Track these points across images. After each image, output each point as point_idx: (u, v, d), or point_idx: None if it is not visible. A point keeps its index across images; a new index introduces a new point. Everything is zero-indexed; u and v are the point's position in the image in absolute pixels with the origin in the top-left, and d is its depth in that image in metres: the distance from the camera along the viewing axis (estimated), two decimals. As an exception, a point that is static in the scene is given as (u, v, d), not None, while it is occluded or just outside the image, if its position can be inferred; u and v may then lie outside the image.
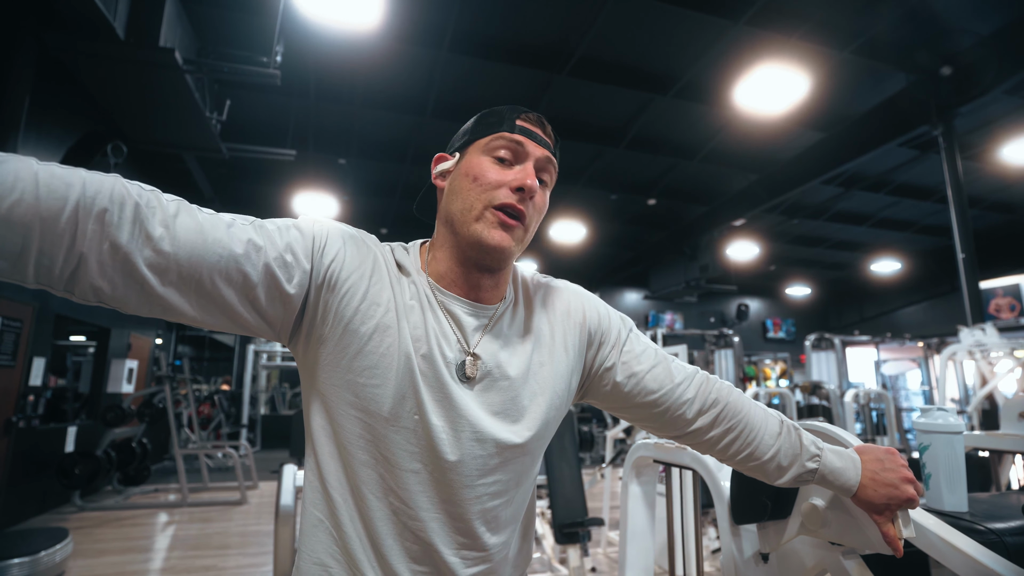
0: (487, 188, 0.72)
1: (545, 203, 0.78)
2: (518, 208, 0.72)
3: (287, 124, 5.95)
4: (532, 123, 0.77)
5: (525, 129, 0.75)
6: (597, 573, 3.51)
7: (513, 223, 0.72)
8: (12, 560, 3.26)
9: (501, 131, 0.75)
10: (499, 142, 0.74)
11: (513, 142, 0.74)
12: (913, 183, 7.52)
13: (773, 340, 13.76)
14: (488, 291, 0.77)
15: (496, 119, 0.76)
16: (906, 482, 0.79)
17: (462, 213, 0.73)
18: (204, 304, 0.61)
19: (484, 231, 0.71)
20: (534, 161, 0.75)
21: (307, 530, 0.71)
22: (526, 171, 0.73)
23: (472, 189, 0.73)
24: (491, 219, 0.71)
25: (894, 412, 5.58)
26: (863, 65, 5.03)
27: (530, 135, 0.75)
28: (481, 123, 0.78)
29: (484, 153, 0.75)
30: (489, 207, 0.72)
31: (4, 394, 4.56)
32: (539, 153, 0.75)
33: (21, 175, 0.50)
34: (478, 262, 0.74)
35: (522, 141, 0.74)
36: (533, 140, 0.75)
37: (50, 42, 3.42)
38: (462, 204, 0.73)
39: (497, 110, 0.78)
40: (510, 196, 0.72)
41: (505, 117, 0.76)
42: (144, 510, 5.48)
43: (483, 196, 0.72)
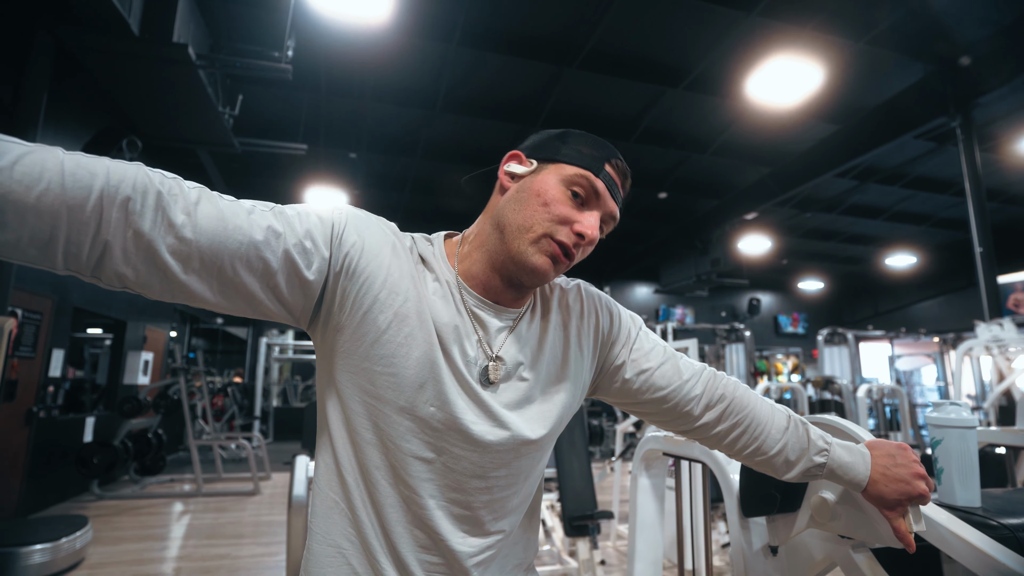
0: (553, 219, 0.72)
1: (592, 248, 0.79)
2: (573, 252, 0.73)
3: (298, 118, 5.98)
4: (617, 173, 0.76)
5: (609, 178, 0.75)
6: (606, 566, 3.53)
7: (563, 260, 0.73)
8: (35, 546, 3.35)
9: (589, 169, 0.74)
10: (581, 179, 0.73)
11: (591, 186, 0.74)
12: (930, 176, 7.40)
13: (785, 335, 13.66)
14: (514, 301, 0.78)
15: (588, 149, 0.75)
16: (918, 478, 0.79)
17: (519, 229, 0.72)
18: (225, 290, 0.62)
19: (535, 254, 0.71)
20: (603, 212, 0.75)
21: (321, 512, 0.72)
22: (594, 220, 0.73)
23: (539, 211, 0.72)
24: (546, 247, 0.72)
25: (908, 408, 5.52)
26: (878, 56, 4.95)
27: (611, 187, 0.75)
28: (572, 147, 0.76)
29: (562, 182, 0.73)
30: (547, 236, 0.72)
31: (25, 385, 4.66)
32: (611, 207, 0.76)
33: (48, 165, 0.51)
34: (514, 278, 0.74)
35: (600, 191, 0.74)
36: (611, 193, 0.75)
37: (66, 39, 3.46)
38: (523, 220, 0.73)
39: (591, 140, 0.77)
40: (570, 237, 0.72)
41: (597, 154, 0.75)
42: (160, 499, 5.59)
43: (546, 224, 0.72)
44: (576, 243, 0.73)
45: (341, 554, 0.71)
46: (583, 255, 0.76)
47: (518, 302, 0.79)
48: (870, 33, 4.63)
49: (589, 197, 0.74)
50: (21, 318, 4.51)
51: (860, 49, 4.81)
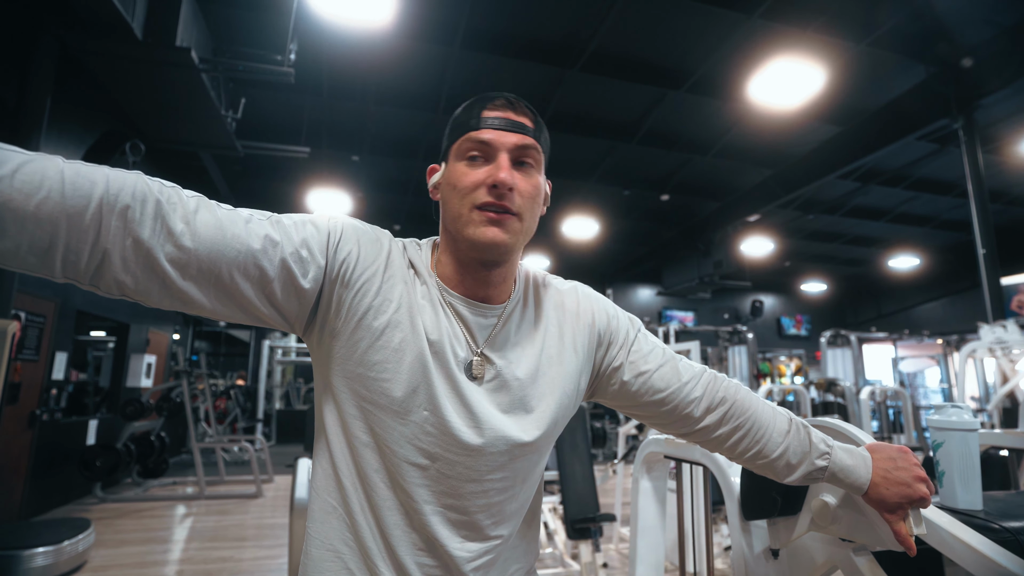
0: (466, 193, 0.71)
1: (536, 186, 0.75)
2: (499, 204, 0.71)
3: (301, 121, 6.00)
4: (498, 108, 0.74)
5: (491, 120, 0.73)
6: (609, 569, 3.52)
7: (500, 216, 0.71)
8: (38, 548, 3.36)
9: (468, 132, 0.73)
10: (467, 144, 0.73)
11: (479, 142, 0.72)
12: (932, 177, 7.38)
13: (788, 337, 13.62)
14: (494, 288, 0.77)
15: (464, 118, 0.75)
16: (919, 481, 0.79)
17: (454, 222, 0.73)
18: (222, 297, 0.63)
19: (476, 232, 0.71)
20: (506, 151, 0.72)
21: (319, 516, 0.73)
22: (497, 166, 0.71)
23: (455, 197, 0.73)
24: (478, 219, 0.71)
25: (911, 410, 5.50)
26: (880, 58, 4.95)
27: (496, 124, 0.72)
28: (453, 126, 0.76)
29: (458, 158, 0.74)
30: (472, 209, 0.71)
31: (28, 388, 4.67)
32: (510, 142, 0.72)
33: (48, 173, 0.52)
34: (480, 260, 0.74)
35: (487, 139, 0.72)
36: (501, 129, 0.72)
37: (70, 42, 3.48)
38: (452, 213, 0.73)
39: (467, 105, 0.76)
40: (487, 195, 0.71)
41: (472, 113, 0.74)
42: (163, 502, 5.59)
43: (465, 201, 0.71)
44: (497, 195, 0.70)
45: (339, 558, 0.71)
46: (526, 199, 0.73)
47: (501, 290, 0.78)
48: (872, 35, 4.63)
49: (484, 151, 0.73)
50: (24, 321, 4.53)
51: (862, 51, 4.81)
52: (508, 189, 0.70)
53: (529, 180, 0.74)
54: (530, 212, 0.74)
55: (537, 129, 0.76)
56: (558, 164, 7.12)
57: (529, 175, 0.74)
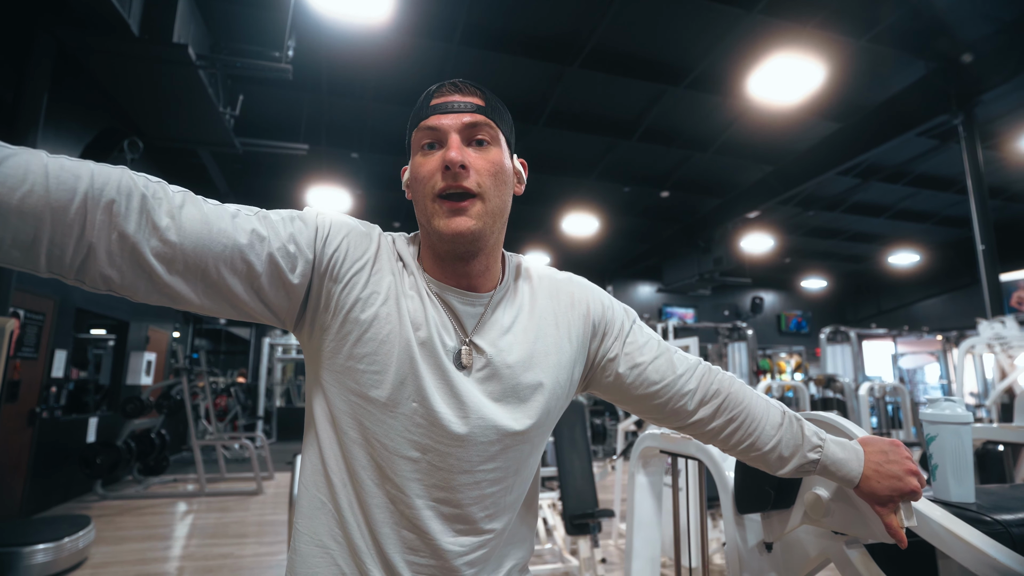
0: (425, 182, 0.72)
1: (494, 162, 0.73)
2: (456, 186, 0.70)
3: (299, 118, 5.99)
4: (445, 93, 0.74)
5: (438, 106, 0.73)
6: (607, 564, 3.53)
7: (461, 204, 0.70)
8: (38, 545, 3.37)
9: (419, 123, 0.73)
10: (419, 135, 0.73)
11: (429, 129, 0.72)
12: (932, 174, 7.37)
13: (788, 333, 13.63)
14: (478, 278, 0.77)
15: (416, 111, 0.75)
16: (910, 474, 0.79)
17: (424, 216, 0.73)
18: (210, 292, 0.63)
19: (441, 224, 0.70)
20: (456, 132, 0.71)
21: (308, 511, 0.73)
22: (447, 148, 0.71)
23: (418, 190, 0.73)
24: (440, 210, 0.71)
25: (910, 405, 5.51)
26: (880, 53, 4.94)
27: (443, 109, 0.72)
28: (409, 122, 0.77)
29: (415, 152, 0.74)
30: (434, 199, 0.71)
31: (28, 386, 4.68)
32: (459, 122, 0.72)
33: (32, 167, 0.52)
34: (454, 253, 0.73)
35: (435, 124, 0.72)
36: (448, 112, 0.72)
37: (67, 39, 3.48)
38: (420, 208, 0.74)
39: (418, 102, 0.76)
40: (443, 179, 0.70)
41: (422, 104, 0.74)
42: (163, 499, 5.60)
43: (426, 191, 0.72)
44: (453, 176, 0.70)
45: (328, 554, 0.71)
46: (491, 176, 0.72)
47: (487, 278, 0.77)
48: (872, 31, 4.62)
49: (436, 137, 0.72)
50: (23, 319, 4.53)
51: (862, 47, 4.80)
52: (460, 167, 0.69)
53: (485, 156, 0.73)
54: (494, 190, 0.73)
55: (489, 106, 0.75)
56: (558, 161, 7.11)
57: (485, 151, 0.73)
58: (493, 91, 0.79)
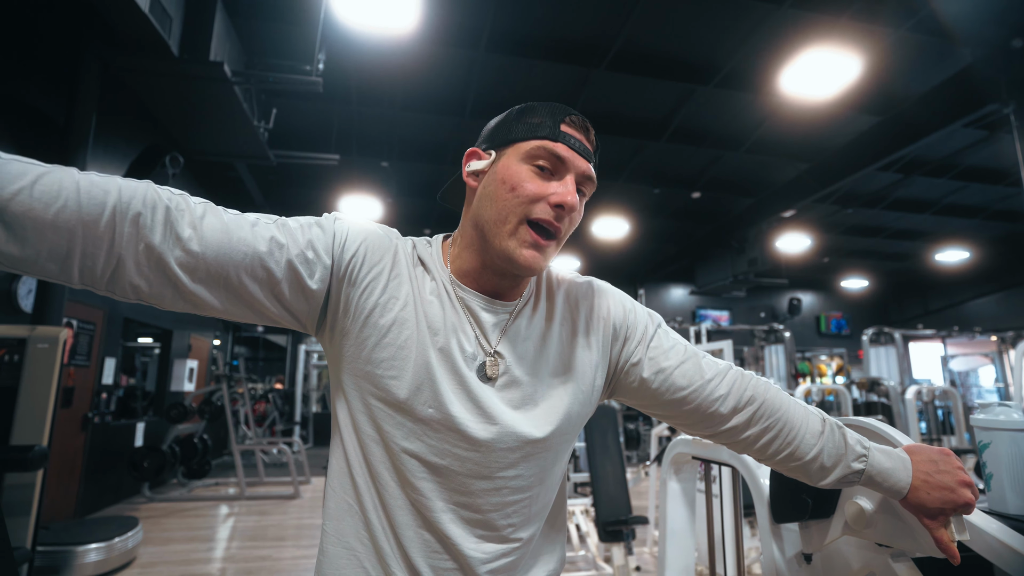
0: (525, 201, 0.69)
1: (581, 214, 0.75)
2: (555, 226, 0.70)
3: (330, 129, 6.12)
4: (576, 129, 0.73)
5: (569, 138, 0.71)
6: (642, 572, 3.46)
7: (546, 243, 0.71)
8: (91, 545, 3.53)
9: (544, 137, 0.71)
10: (540, 151, 0.70)
11: (554, 154, 0.70)
12: (981, 166, 7.03)
13: (828, 335, 13.18)
14: (509, 291, 0.77)
15: (539, 120, 0.72)
16: (963, 485, 0.75)
17: (495, 224, 0.71)
18: (232, 299, 0.65)
19: (516, 249, 0.70)
20: (575, 175, 0.72)
21: (335, 514, 0.73)
22: (567, 187, 0.70)
23: (509, 199, 0.70)
24: (525, 237, 0.69)
25: (962, 410, 5.24)
26: (921, 42, 4.74)
27: (574, 145, 0.71)
28: (522, 123, 0.73)
29: (523, 160, 0.71)
30: (524, 221, 0.70)
31: (80, 392, 4.90)
32: (581, 167, 0.72)
33: (65, 184, 0.55)
34: (505, 272, 0.73)
35: (565, 156, 0.71)
36: (576, 151, 0.71)
37: (112, 61, 3.64)
38: (496, 213, 0.71)
39: (539, 108, 0.73)
40: (548, 212, 0.70)
41: (548, 120, 0.72)
42: (206, 502, 5.78)
43: (520, 209, 0.70)
44: (557, 216, 0.70)
45: (354, 556, 0.71)
46: (570, 226, 0.74)
47: (514, 293, 0.78)
48: (911, 19, 4.44)
49: (556, 166, 0.71)
50: (76, 328, 4.75)
51: (901, 37, 4.62)
52: (569, 213, 0.71)
53: (579, 207, 0.75)
54: (566, 237, 0.75)
55: (596, 158, 0.77)
56: (586, 164, 7.06)
57: (581, 204, 0.75)
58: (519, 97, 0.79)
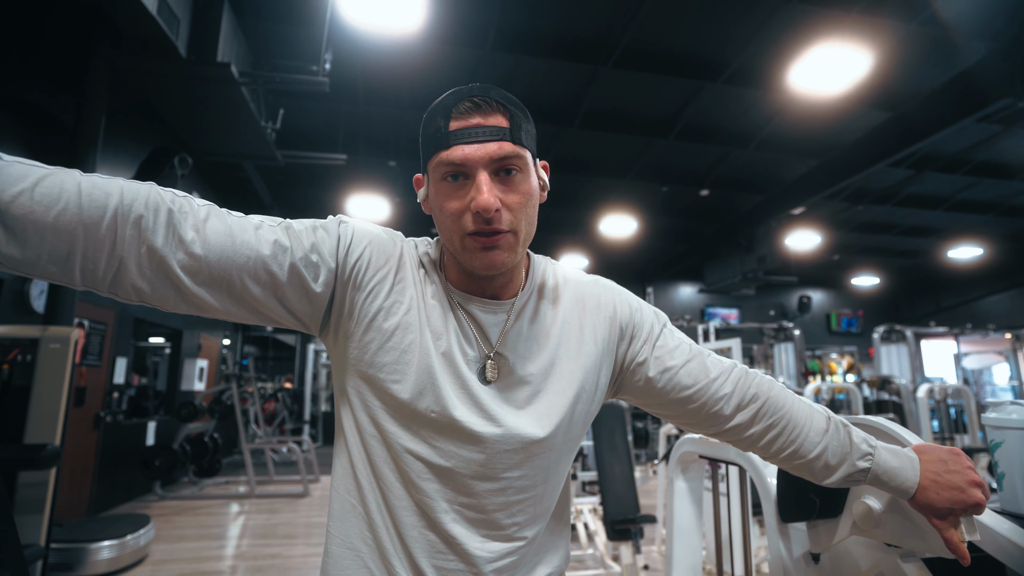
0: (453, 219, 0.68)
1: (526, 193, 0.69)
2: (489, 230, 0.67)
3: (337, 130, 6.14)
4: (467, 116, 0.67)
5: (459, 133, 0.66)
6: (650, 571, 3.45)
7: (493, 239, 0.67)
8: (104, 542, 3.58)
9: (439, 151, 0.67)
10: (441, 168, 0.68)
11: (450, 163, 0.66)
12: (995, 161, 6.93)
13: (839, 333, 13.06)
14: (502, 288, 0.76)
15: (434, 130, 0.68)
16: (973, 485, 0.74)
17: (450, 246, 0.71)
18: (235, 301, 0.65)
19: (472, 260, 0.69)
20: (484, 167, 0.66)
21: (339, 514, 0.74)
22: (478, 188, 0.65)
23: (445, 222, 0.69)
24: (471, 246, 0.68)
25: (975, 408, 5.18)
26: (933, 37, 4.68)
27: (465, 136, 0.66)
28: (425, 139, 0.70)
29: (438, 180, 0.69)
30: (463, 237, 0.68)
31: (93, 392, 4.95)
32: (486, 156, 0.66)
33: (66, 186, 0.54)
34: (483, 276, 0.73)
35: (460, 159, 0.66)
36: (472, 140, 0.66)
37: (119, 63, 3.67)
38: (445, 238, 0.71)
39: (433, 113, 0.69)
40: (473, 223, 0.67)
41: (440, 125, 0.67)
42: (217, 500, 5.82)
43: (455, 227, 0.68)
44: (487, 220, 0.66)
45: (359, 557, 0.71)
46: (521, 208, 0.69)
47: (511, 287, 0.77)
48: (922, 14, 4.38)
49: (461, 171, 0.67)
50: (88, 328, 4.80)
51: (912, 31, 4.56)
52: (494, 211, 0.66)
53: (517, 189, 0.69)
54: (525, 220, 0.70)
55: (515, 126, 0.68)
56: (593, 163, 7.05)
57: (515, 184, 0.68)
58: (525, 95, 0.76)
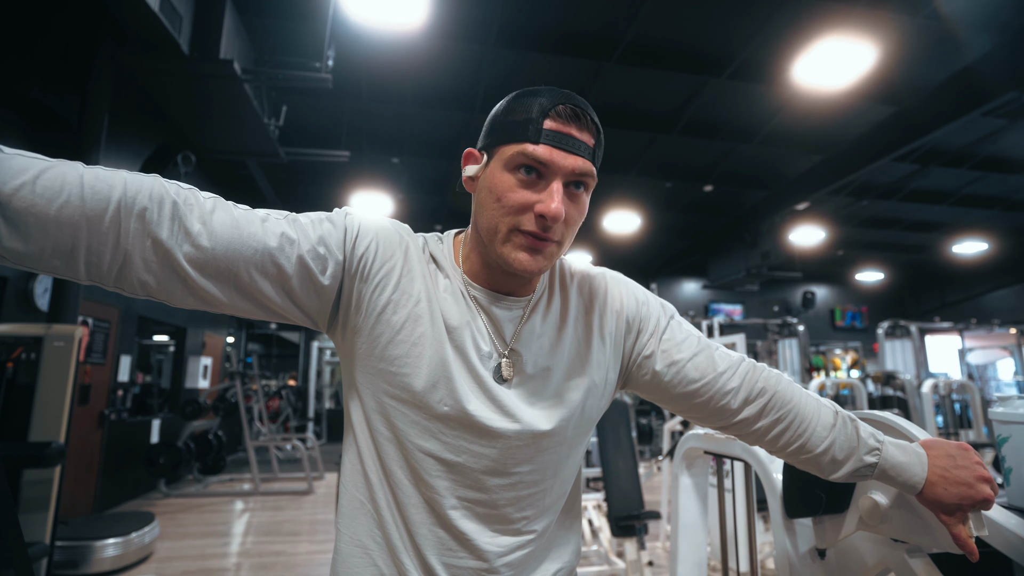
0: (511, 212, 0.67)
1: (584, 210, 0.71)
2: (543, 236, 0.67)
3: (341, 126, 6.14)
4: (565, 122, 0.66)
5: (553, 135, 0.65)
6: (655, 567, 3.45)
7: (542, 245, 0.67)
8: (108, 540, 3.59)
9: (525, 142, 0.65)
10: (520, 157, 0.66)
11: (534, 159, 0.65)
12: (1001, 155, 6.88)
13: (843, 329, 13.03)
14: (521, 288, 0.76)
15: (521, 119, 0.67)
16: (981, 480, 0.73)
17: (488, 232, 0.69)
18: (241, 295, 0.64)
19: (511, 254, 0.67)
20: (563, 176, 0.66)
21: (348, 511, 0.73)
22: (551, 195, 0.65)
23: (496, 209, 0.68)
24: (516, 241, 0.67)
25: (980, 404, 5.15)
26: (938, 30, 4.64)
27: (560, 142, 0.65)
28: (507, 123, 0.68)
29: (506, 168, 0.67)
30: (512, 230, 0.67)
31: (97, 390, 4.97)
32: (570, 166, 0.66)
33: (68, 179, 0.54)
34: (507, 275, 0.73)
35: (546, 159, 0.65)
36: (564, 149, 0.65)
37: (123, 61, 3.67)
38: (487, 222, 0.69)
39: (526, 100, 0.68)
40: (533, 223, 0.66)
41: (532, 118, 0.66)
42: (221, 497, 5.85)
43: (508, 219, 0.67)
44: (542, 226, 0.66)
45: (368, 554, 0.71)
46: (567, 228, 0.69)
47: (526, 289, 0.77)
48: (928, 7, 4.35)
49: (540, 170, 0.66)
50: (92, 327, 4.82)
51: (918, 24, 4.53)
52: (556, 221, 0.66)
53: (578, 206, 0.69)
54: (571, 235, 0.71)
55: (597, 147, 0.70)
56: (596, 158, 7.02)
57: (579, 201, 0.70)
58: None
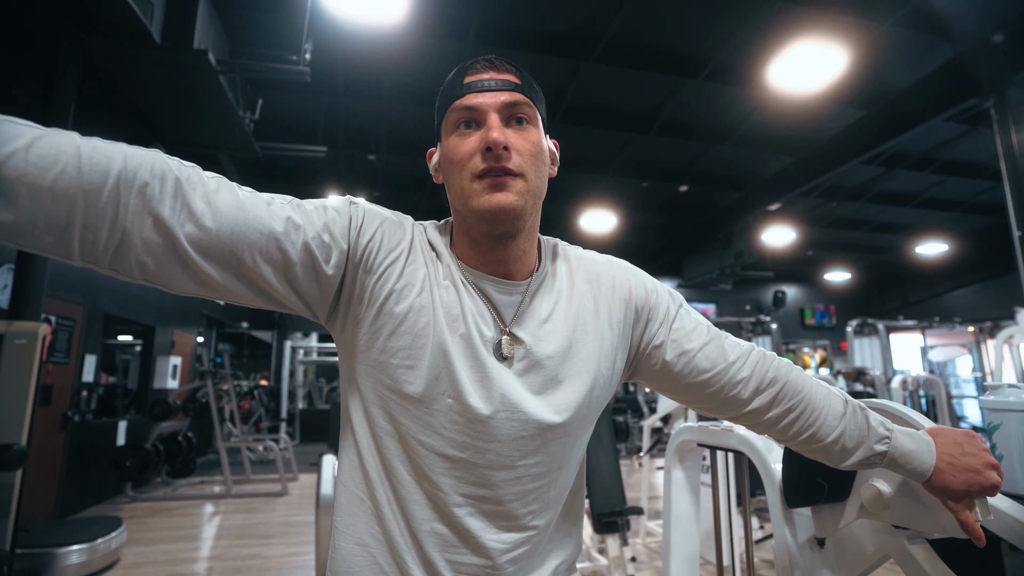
0: (463, 163, 0.69)
1: (534, 143, 0.71)
2: (498, 167, 0.68)
3: (317, 121, 6.02)
4: (480, 70, 0.71)
5: (472, 84, 0.70)
6: (637, 563, 3.48)
7: (502, 179, 0.68)
8: (72, 546, 3.45)
9: (453, 102, 0.71)
10: (454, 115, 0.71)
11: (465, 108, 0.70)
12: (962, 160, 7.16)
13: (812, 327, 13.37)
14: (515, 263, 0.74)
15: (448, 90, 0.73)
16: (989, 467, 0.74)
17: (458, 199, 0.71)
18: (243, 280, 0.61)
19: (480, 202, 0.68)
20: (495, 111, 0.69)
21: (346, 509, 0.71)
22: (488, 128, 0.68)
23: (454, 172, 0.70)
24: (480, 188, 0.68)
25: (946, 398, 5.35)
26: (905, 37, 4.80)
27: (479, 87, 0.69)
28: (439, 102, 0.75)
29: (449, 132, 0.72)
30: (472, 180, 0.69)
31: (60, 390, 4.78)
32: (498, 101, 0.69)
33: (64, 148, 0.50)
34: (492, 234, 0.71)
35: (472, 104, 0.69)
36: (486, 91, 0.69)
37: (90, 49, 3.53)
38: (455, 190, 0.71)
39: (449, 79, 0.74)
40: (483, 160, 0.68)
41: (455, 82, 0.72)
42: (191, 500, 5.69)
43: (464, 173, 0.69)
44: (496, 156, 0.67)
45: (368, 552, 0.69)
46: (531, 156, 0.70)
47: (523, 264, 0.75)
48: (897, 14, 4.49)
49: (473, 117, 0.70)
50: (55, 324, 4.63)
51: (886, 31, 4.67)
52: (503, 148, 0.67)
53: (526, 136, 0.70)
54: (534, 170, 0.70)
55: (525, 84, 0.72)
56: (575, 158, 7.05)
57: (525, 131, 0.71)
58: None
